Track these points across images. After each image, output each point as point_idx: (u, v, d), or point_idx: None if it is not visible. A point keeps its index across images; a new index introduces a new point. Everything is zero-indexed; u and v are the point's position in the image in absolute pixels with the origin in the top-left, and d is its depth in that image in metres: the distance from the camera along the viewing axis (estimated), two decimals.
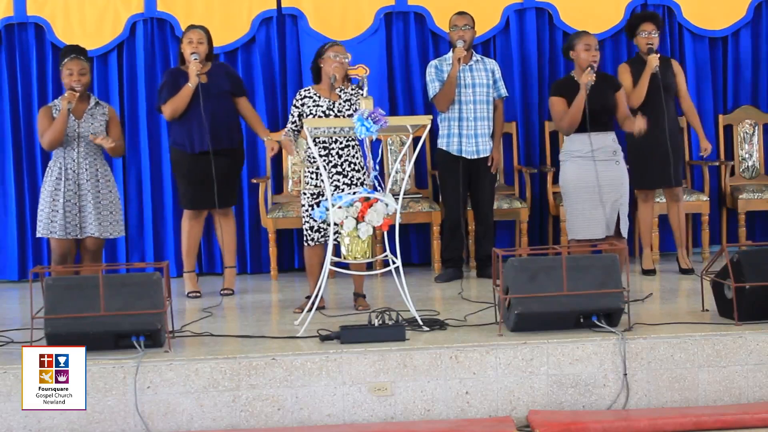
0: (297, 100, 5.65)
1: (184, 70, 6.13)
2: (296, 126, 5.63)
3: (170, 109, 6.12)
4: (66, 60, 5.96)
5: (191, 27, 6.26)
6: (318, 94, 5.65)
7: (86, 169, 5.94)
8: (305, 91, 5.69)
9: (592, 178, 5.83)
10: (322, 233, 5.57)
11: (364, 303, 5.69)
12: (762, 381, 4.76)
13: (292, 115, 5.65)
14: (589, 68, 5.87)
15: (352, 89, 5.69)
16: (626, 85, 6.41)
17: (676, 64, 6.74)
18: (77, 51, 6.04)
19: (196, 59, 6.05)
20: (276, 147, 6.16)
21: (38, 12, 7.17)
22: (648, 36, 6.49)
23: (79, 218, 5.91)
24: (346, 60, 5.64)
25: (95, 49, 7.06)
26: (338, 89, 5.63)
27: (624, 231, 5.98)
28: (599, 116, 5.92)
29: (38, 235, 6.03)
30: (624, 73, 6.53)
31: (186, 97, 6.06)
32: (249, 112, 6.36)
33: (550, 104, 6.13)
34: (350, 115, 5.54)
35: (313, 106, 5.61)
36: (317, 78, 5.72)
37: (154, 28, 7.25)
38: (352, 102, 5.62)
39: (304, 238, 5.67)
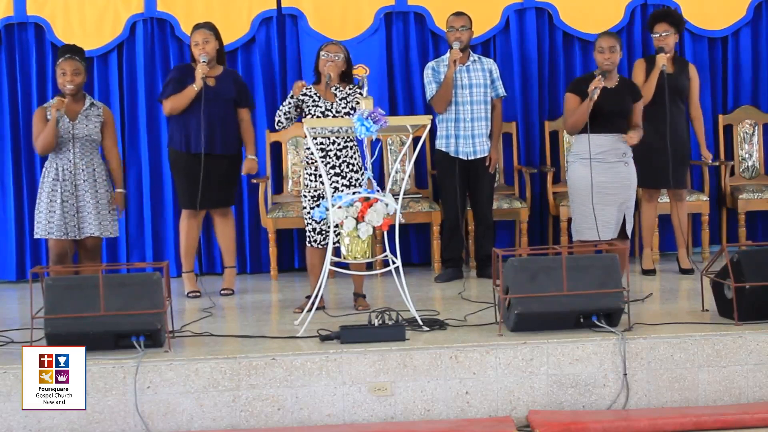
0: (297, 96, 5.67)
1: (194, 68, 6.13)
2: (289, 107, 5.62)
3: (170, 105, 6.13)
4: (60, 60, 5.96)
5: (197, 27, 6.24)
6: (318, 95, 5.66)
7: (83, 170, 5.93)
8: (306, 89, 5.70)
9: (600, 180, 5.80)
10: (325, 236, 5.57)
11: (364, 303, 5.69)
12: (762, 381, 4.76)
13: (289, 102, 5.63)
14: (600, 76, 5.82)
15: (350, 88, 5.69)
16: (638, 82, 6.40)
17: (693, 69, 6.70)
18: (73, 51, 6.03)
19: (204, 62, 6.04)
20: (254, 169, 6.35)
21: (38, 12, 7.16)
22: (659, 37, 6.49)
23: (77, 219, 5.91)
24: (338, 58, 5.64)
25: (95, 49, 7.06)
26: (333, 88, 5.62)
27: (628, 231, 5.96)
28: (613, 119, 5.87)
29: (36, 236, 6.03)
30: (638, 70, 6.54)
31: (188, 97, 6.06)
32: (246, 126, 6.35)
33: (564, 99, 6.06)
34: (347, 113, 5.55)
35: (312, 105, 5.61)
36: (317, 79, 5.73)
37: (154, 28, 7.24)
38: (348, 100, 5.62)
39: (307, 240, 5.67)
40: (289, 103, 5.64)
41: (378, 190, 5.24)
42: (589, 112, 5.78)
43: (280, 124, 5.72)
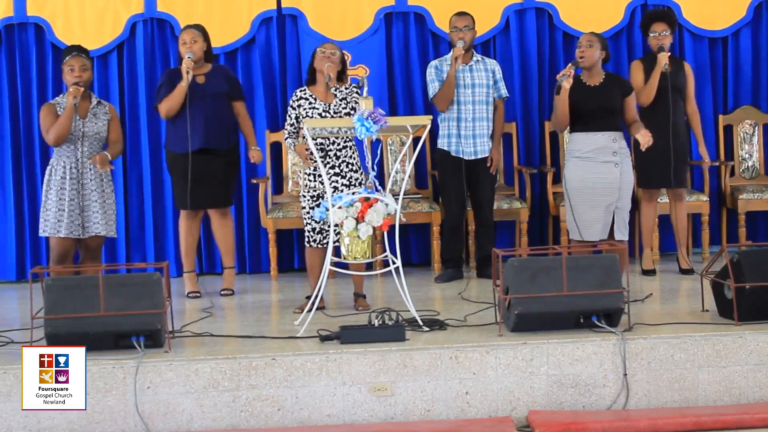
0: (293, 101, 5.66)
1: (181, 70, 6.15)
2: (294, 128, 5.65)
3: (165, 107, 6.15)
4: (67, 57, 5.98)
5: (185, 28, 6.30)
6: (314, 96, 5.65)
7: (90, 169, 5.94)
8: (301, 92, 5.70)
9: (588, 179, 5.81)
10: (324, 235, 5.57)
11: (364, 303, 5.69)
12: (762, 381, 4.76)
13: (289, 116, 5.66)
14: (570, 64, 5.87)
15: (347, 87, 5.68)
16: (637, 82, 6.41)
17: (687, 67, 6.73)
18: (79, 50, 6.06)
19: (190, 57, 6.06)
20: (258, 159, 6.34)
21: (38, 12, 7.17)
22: (657, 36, 6.50)
23: (82, 217, 5.91)
24: (335, 56, 5.63)
25: (95, 49, 7.06)
26: (333, 89, 5.62)
27: (621, 236, 5.92)
28: (600, 116, 5.89)
29: (43, 234, 6.02)
30: (636, 70, 6.54)
31: (180, 95, 6.07)
32: (243, 118, 6.36)
33: (553, 103, 6.11)
34: (347, 114, 5.55)
35: (309, 108, 5.61)
36: (312, 79, 5.72)
37: (154, 29, 7.25)
38: (348, 100, 5.62)
39: (306, 239, 5.68)
40: (290, 116, 5.64)
41: (379, 190, 5.24)
42: (575, 111, 5.80)
43: (292, 144, 5.70)
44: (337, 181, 5.54)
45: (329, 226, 5.21)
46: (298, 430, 4.52)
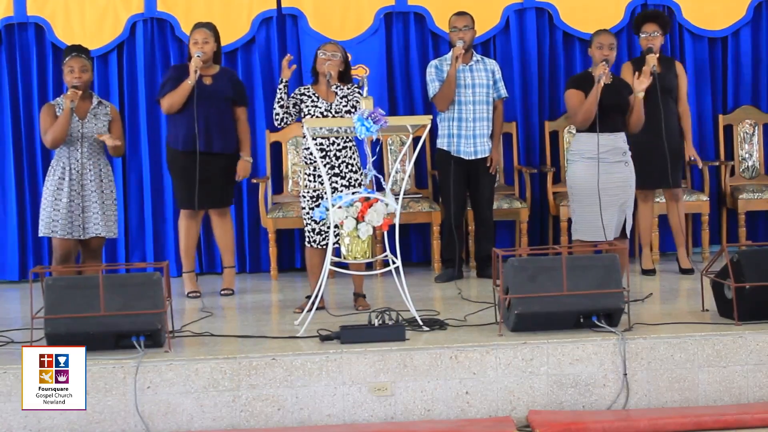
0: (295, 95, 5.69)
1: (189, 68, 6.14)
2: (288, 110, 5.64)
3: (168, 102, 6.14)
4: (68, 58, 5.97)
5: (197, 26, 6.26)
6: (317, 95, 5.66)
7: (90, 170, 5.94)
8: (305, 88, 5.71)
9: (601, 180, 5.79)
10: (324, 236, 5.57)
11: (364, 303, 5.69)
12: (762, 381, 4.76)
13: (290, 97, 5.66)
14: (604, 62, 5.84)
15: (348, 87, 5.69)
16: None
17: (679, 66, 6.74)
18: (79, 50, 6.06)
19: (199, 56, 6.06)
20: (247, 172, 6.34)
21: (38, 12, 7.17)
22: (648, 37, 6.52)
23: (82, 218, 5.91)
24: (336, 56, 5.64)
25: (95, 49, 7.06)
26: (334, 86, 5.62)
27: (628, 231, 5.96)
28: (612, 115, 5.85)
29: (40, 234, 6.03)
30: (626, 72, 6.54)
31: (184, 92, 6.06)
32: (242, 124, 6.35)
33: (566, 97, 5.99)
34: (348, 112, 5.55)
35: (312, 106, 5.62)
36: (315, 80, 5.73)
37: (154, 29, 7.25)
38: (349, 98, 5.63)
39: (306, 239, 5.68)
40: (281, 90, 5.63)
41: (381, 190, 5.24)
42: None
43: (277, 116, 5.68)
44: (336, 182, 5.54)
45: (329, 227, 5.21)
46: (298, 430, 4.53)
